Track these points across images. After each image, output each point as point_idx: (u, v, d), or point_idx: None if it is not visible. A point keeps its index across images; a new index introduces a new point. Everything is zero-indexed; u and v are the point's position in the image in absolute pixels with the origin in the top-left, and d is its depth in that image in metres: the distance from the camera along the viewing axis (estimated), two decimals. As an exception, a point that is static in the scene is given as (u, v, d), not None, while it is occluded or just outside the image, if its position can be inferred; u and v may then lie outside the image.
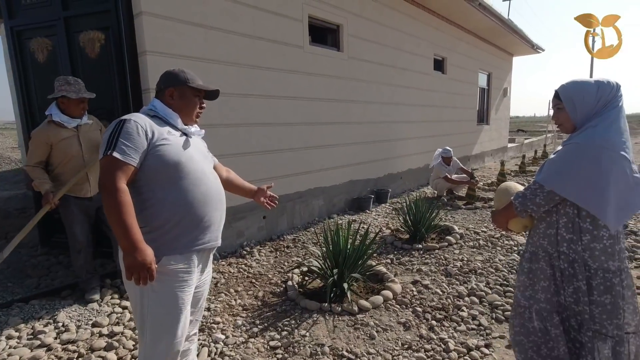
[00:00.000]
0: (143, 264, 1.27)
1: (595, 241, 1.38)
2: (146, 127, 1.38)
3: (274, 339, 2.35)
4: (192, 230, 1.44)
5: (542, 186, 1.41)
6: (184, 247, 1.42)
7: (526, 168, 9.12)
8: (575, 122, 1.47)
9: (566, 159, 1.38)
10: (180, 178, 1.41)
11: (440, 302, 2.74)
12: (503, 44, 10.76)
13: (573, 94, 1.45)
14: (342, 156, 5.38)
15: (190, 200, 1.42)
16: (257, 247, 4.03)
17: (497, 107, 11.38)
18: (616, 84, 1.41)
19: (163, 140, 1.40)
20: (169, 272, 1.39)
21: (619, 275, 1.39)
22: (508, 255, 3.60)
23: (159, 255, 1.37)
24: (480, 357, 2.15)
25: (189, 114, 1.58)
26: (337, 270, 2.78)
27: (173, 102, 1.54)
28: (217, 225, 1.55)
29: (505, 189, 1.69)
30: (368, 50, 5.67)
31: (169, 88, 1.53)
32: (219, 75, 3.68)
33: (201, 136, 1.64)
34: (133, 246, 1.26)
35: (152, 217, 1.38)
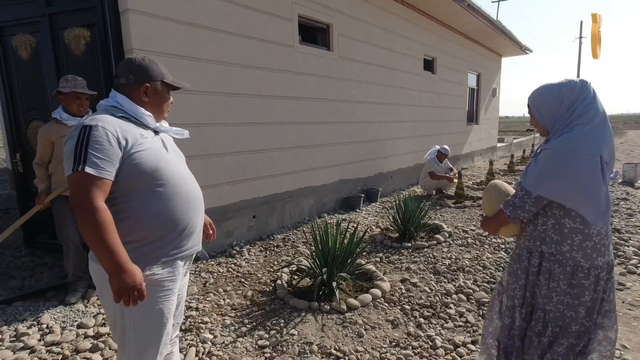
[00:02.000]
0: (133, 286, 1.18)
1: (587, 240, 1.41)
2: (117, 134, 1.22)
3: (262, 338, 2.34)
4: (176, 238, 1.35)
5: (529, 192, 1.43)
6: (168, 255, 1.33)
7: (515, 167, 9.24)
8: (544, 126, 1.51)
9: (547, 164, 1.40)
10: (160, 185, 1.30)
11: (429, 300, 2.76)
12: (492, 45, 10.89)
13: (536, 100, 1.50)
14: (332, 156, 5.39)
15: (172, 208, 1.33)
16: (247, 247, 4.01)
17: (486, 107, 11.51)
18: (580, 82, 1.42)
19: (138, 147, 1.26)
20: (152, 282, 1.30)
21: (605, 269, 1.43)
22: (495, 253, 3.64)
23: (141, 266, 1.26)
24: (467, 353, 2.18)
25: (162, 111, 1.45)
26: (325, 269, 2.78)
27: (146, 99, 1.38)
28: (200, 229, 1.48)
29: (496, 191, 1.66)
30: (358, 50, 5.68)
31: (144, 83, 1.36)
32: (208, 74, 3.65)
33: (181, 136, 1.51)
34: (120, 268, 1.16)
35: (132, 228, 1.27)
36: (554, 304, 1.46)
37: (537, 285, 1.51)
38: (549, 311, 1.47)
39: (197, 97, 3.60)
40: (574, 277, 1.42)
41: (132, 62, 1.38)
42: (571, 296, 1.43)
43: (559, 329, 1.45)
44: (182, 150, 4.00)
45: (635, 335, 2.32)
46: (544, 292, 1.49)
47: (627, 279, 3.05)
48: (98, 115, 1.28)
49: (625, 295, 2.79)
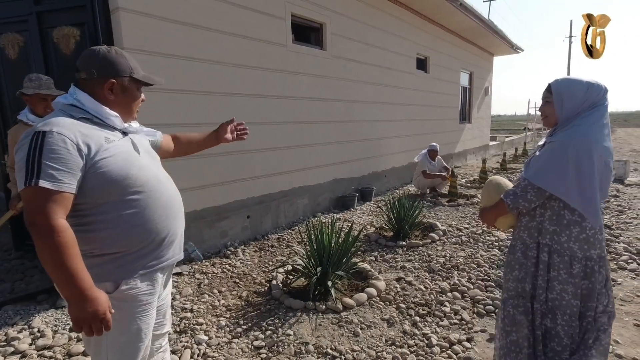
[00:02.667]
0: (95, 315, 1.05)
1: (583, 232, 1.45)
2: (77, 140, 1.06)
3: (258, 339, 2.33)
4: (155, 249, 1.23)
5: (532, 183, 1.46)
6: (146, 268, 1.22)
7: (507, 165, 9.31)
8: (559, 117, 1.52)
9: (552, 156, 1.43)
10: (134, 193, 1.17)
11: (424, 298, 2.77)
12: (484, 44, 10.97)
13: (563, 90, 1.49)
14: (326, 155, 5.39)
15: (150, 217, 1.20)
16: (242, 247, 3.99)
17: (478, 105, 11.60)
18: (605, 87, 1.46)
19: (104, 153, 1.11)
20: (129, 297, 1.19)
21: (599, 262, 1.46)
22: (489, 250, 3.67)
23: (117, 280, 1.16)
24: (462, 350, 2.18)
25: (131, 111, 1.28)
26: (320, 268, 2.78)
27: (112, 98, 1.20)
28: (181, 237, 1.37)
29: (495, 185, 1.68)
30: (352, 49, 5.68)
31: (109, 79, 1.18)
32: (201, 73, 3.62)
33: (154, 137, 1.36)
34: (81, 296, 1.03)
35: (105, 241, 1.15)
36: (558, 293, 1.48)
37: (536, 277, 1.53)
38: (553, 299, 1.49)
39: (190, 97, 3.57)
40: (572, 267, 1.46)
41: (95, 54, 1.19)
42: (573, 285, 1.46)
43: (568, 316, 1.47)
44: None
45: (627, 330, 2.35)
46: (541, 283, 1.51)
47: (619, 274, 3.10)
48: (53, 117, 1.10)
49: (616, 291, 2.83)
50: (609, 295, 1.51)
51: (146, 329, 1.26)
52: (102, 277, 1.15)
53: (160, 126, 3.32)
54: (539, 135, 17.02)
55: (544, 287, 1.52)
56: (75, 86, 1.20)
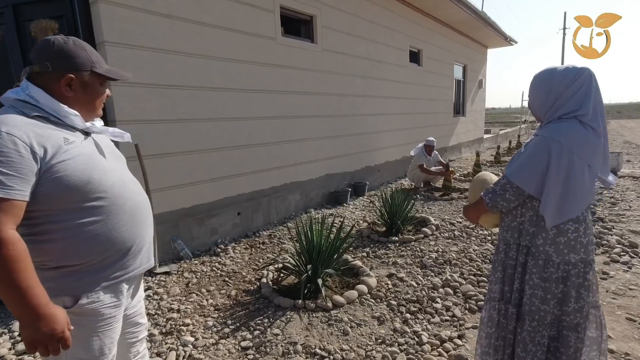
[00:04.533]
0: (52, 334, 0.95)
1: (561, 235, 1.36)
2: (31, 141, 0.96)
3: (245, 339, 2.28)
4: (120, 259, 1.14)
5: (511, 181, 1.37)
6: (110, 279, 1.13)
7: (501, 158, 9.31)
8: (535, 114, 1.46)
9: (533, 153, 1.35)
10: (97, 199, 1.08)
11: (415, 295, 2.73)
12: (477, 36, 10.90)
13: (531, 86, 1.45)
14: (317, 150, 5.32)
15: (114, 225, 1.11)
16: (232, 245, 3.93)
17: (472, 98, 11.56)
18: (575, 70, 1.32)
19: (62, 155, 1.01)
20: (90, 312, 1.09)
21: (579, 267, 1.37)
22: (482, 245, 3.64)
23: (76, 294, 1.07)
24: (454, 348, 2.15)
25: (93, 108, 1.17)
26: (310, 266, 2.73)
27: (71, 94, 1.09)
28: (149, 244, 1.27)
29: (480, 180, 1.65)
30: (343, 42, 5.59)
31: (66, 74, 1.07)
32: (187, 68, 3.53)
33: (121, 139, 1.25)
34: (36, 315, 0.93)
35: (63, 253, 1.05)
36: (528, 297, 1.42)
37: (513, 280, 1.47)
38: (524, 304, 1.43)
39: (176, 92, 3.47)
40: (545, 271, 1.38)
41: (50, 45, 1.07)
42: (543, 289, 1.38)
43: (536, 323, 1.40)
44: (163, 147, 3.85)
45: (619, 325, 2.33)
46: (517, 286, 1.45)
47: (611, 267, 3.08)
48: (1, 115, 0.99)
49: (609, 284, 2.81)
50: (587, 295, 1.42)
51: (110, 344, 1.17)
52: (58, 292, 1.06)
53: (145, 122, 3.27)
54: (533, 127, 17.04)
55: (519, 290, 1.46)
56: (28, 80, 1.08)
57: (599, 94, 1.34)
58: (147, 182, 3.15)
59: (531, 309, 1.41)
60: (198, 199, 3.79)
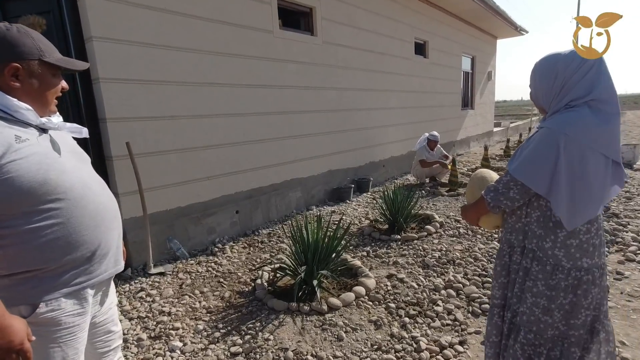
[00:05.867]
0: (9, 347, 0.88)
1: (572, 237, 1.21)
2: None
3: (235, 344, 2.18)
4: (82, 263, 1.08)
5: (515, 178, 1.23)
6: (71, 285, 1.05)
7: (510, 152, 9.05)
8: (539, 104, 1.31)
9: (533, 146, 1.21)
10: (54, 201, 1.00)
11: (415, 297, 2.60)
12: (486, 27, 10.58)
13: (533, 74, 1.31)
14: (319, 146, 5.19)
15: (75, 228, 1.04)
16: (230, 244, 3.84)
17: (481, 91, 11.26)
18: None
19: (13, 155, 0.93)
20: (50, 321, 1.02)
21: (593, 273, 1.23)
22: (488, 243, 3.48)
23: (34, 302, 0.99)
24: (454, 355, 2.02)
25: (46, 102, 1.08)
26: (305, 267, 2.61)
27: (18, 86, 1.01)
28: (116, 248, 1.20)
29: (479, 178, 1.50)
30: (344, 34, 5.43)
31: (10, 63, 0.98)
32: (180, 63, 3.43)
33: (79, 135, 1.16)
34: None
35: (17, 259, 0.97)
36: (528, 306, 1.28)
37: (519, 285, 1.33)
38: (522, 313, 1.29)
39: (169, 88, 3.38)
40: (552, 278, 1.23)
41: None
42: (547, 298, 1.24)
43: (532, 335, 1.27)
44: (156, 144, 3.75)
45: (635, 330, 2.16)
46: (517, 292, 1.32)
47: (626, 267, 2.89)
48: None
49: (623, 285, 2.63)
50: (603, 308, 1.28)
51: (74, 355, 1.09)
52: (13, 301, 0.98)
53: (136, 120, 3.19)
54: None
55: (517, 296, 1.32)
56: None
57: (610, 77, 1.19)
58: (139, 181, 3.08)
59: (529, 319, 1.27)
60: (194, 198, 3.71)
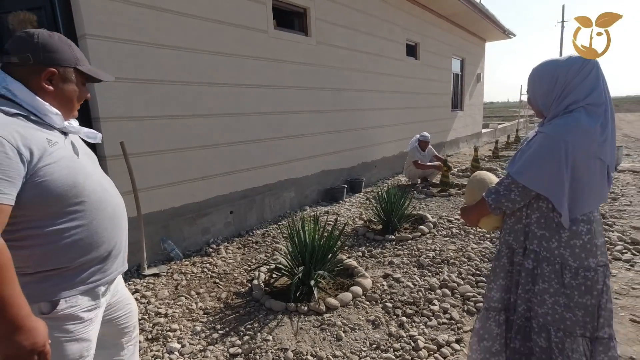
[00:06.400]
0: (33, 348, 0.89)
1: (575, 237, 1.26)
2: (17, 143, 0.89)
3: (234, 345, 2.18)
4: (99, 262, 1.12)
5: (516, 181, 1.27)
6: (88, 283, 1.09)
7: (499, 153, 9.21)
8: (538, 109, 1.36)
9: (534, 150, 1.25)
10: (79, 204, 1.03)
11: (412, 296, 2.64)
12: (475, 29, 10.75)
13: (531, 79, 1.35)
14: (313, 146, 5.20)
15: (95, 230, 1.08)
16: (224, 244, 3.82)
17: (471, 93, 11.43)
18: (581, 59, 1.23)
19: (47, 159, 0.95)
20: (67, 317, 1.05)
21: (599, 272, 1.27)
22: (480, 243, 3.54)
23: (54, 299, 1.02)
24: (451, 353, 2.06)
25: (73, 108, 1.12)
26: (302, 268, 2.63)
27: (50, 90, 1.03)
28: (125, 248, 1.26)
29: (478, 181, 1.53)
30: (338, 35, 5.45)
31: (48, 68, 1.01)
32: (175, 62, 3.40)
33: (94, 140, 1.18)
34: (18, 327, 0.86)
35: (42, 258, 1.00)
36: (550, 307, 1.31)
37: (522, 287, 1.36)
38: (545, 314, 1.32)
39: (164, 87, 3.35)
40: (563, 276, 1.28)
41: (32, 36, 1.00)
42: (566, 296, 1.28)
43: (562, 333, 1.30)
44: (150, 144, 3.71)
45: (623, 327, 2.24)
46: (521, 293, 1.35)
47: (613, 266, 2.99)
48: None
49: (611, 284, 2.71)
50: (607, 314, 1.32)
51: (88, 346, 1.12)
52: (34, 298, 0.99)
53: (130, 119, 3.15)
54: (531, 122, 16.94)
55: (523, 298, 1.35)
56: (6, 73, 1.00)
57: (605, 82, 1.24)
58: (133, 181, 3.04)
59: (554, 318, 1.30)
60: (188, 198, 3.68)
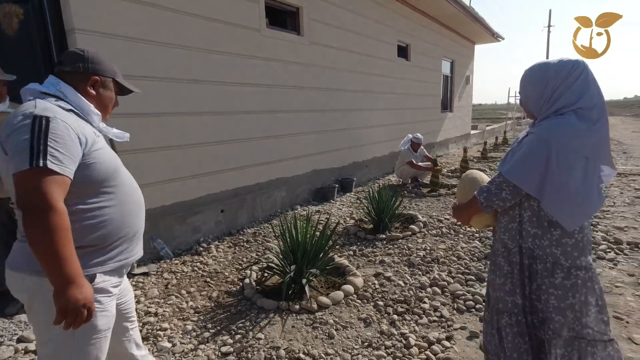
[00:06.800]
0: (84, 303, 1.03)
1: (567, 236, 1.28)
2: (77, 130, 1.09)
3: (226, 344, 2.17)
4: (127, 242, 1.28)
5: (507, 179, 1.29)
6: (118, 261, 1.24)
7: (487, 154, 9.35)
8: (530, 110, 1.38)
9: (530, 150, 1.27)
10: (116, 187, 1.23)
11: (403, 295, 2.66)
12: (466, 32, 10.89)
13: (523, 81, 1.38)
14: (304, 145, 5.20)
15: (128, 212, 1.26)
16: (215, 243, 3.80)
17: (460, 94, 11.57)
18: (571, 62, 1.25)
19: (95, 146, 1.15)
20: (102, 290, 1.21)
21: (589, 270, 1.30)
22: (470, 242, 3.59)
23: (93, 274, 1.17)
24: (442, 350, 2.09)
25: (107, 111, 1.34)
26: (294, 266, 2.63)
27: (93, 95, 1.25)
28: (142, 234, 1.42)
29: (470, 180, 1.56)
30: (330, 35, 5.47)
31: (94, 76, 1.25)
32: (165, 59, 3.36)
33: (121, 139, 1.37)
34: (72, 281, 1.01)
35: (83, 233, 1.14)
36: (543, 304, 1.33)
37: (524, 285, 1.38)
38: (541, 310, 1.35)
39: (154, 84, 3.31)
40: (554, 276, 1.30)
41: (84, 52, 1.26)
42: (556, 297, 1.30)
43: (551, 332, 1.32)
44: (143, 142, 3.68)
45: (607, 324, 2.30)
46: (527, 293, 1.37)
47: (597, 265, 3.06)
48: (46, 104, 1.09)
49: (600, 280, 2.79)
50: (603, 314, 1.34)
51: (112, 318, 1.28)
52: None
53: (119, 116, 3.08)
54: (518, 124, 17.24)
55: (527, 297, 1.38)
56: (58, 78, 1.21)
57: (597, 85, 1.27)
58: (123, 178, 2.99)
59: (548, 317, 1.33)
60: (179, 196, 3.64)
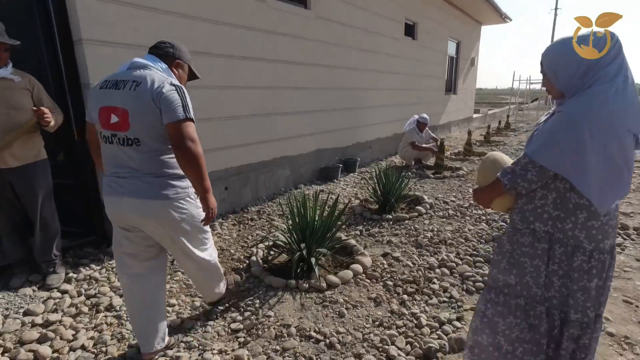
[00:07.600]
0: (215, 206, 1.67)
1: (593, 218, 1.22)
2: None
3: (235, 321, 2.15)
4: None
5: (533, 160, 1.21)
6: None
7: (490, 138, 9.27)
8: (559, 89, 1.29)
9: (559, 129, 1.18)
10: None
11: (411, 275, 2.65)
12: (473, 12, 10.60)
13: (552, 59, 1.26)
14: (308, 124, 5.10)
15: None
16: (219, 220, 3.75)
17: (464, 77, 11.38)
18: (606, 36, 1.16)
19: None
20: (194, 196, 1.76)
21: (611, 253, 1.26)
22: (477, 224, 3.57)
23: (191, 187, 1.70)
24: (453, 330, 2.08)
25: None
26: (304, 244, 2.59)
27: (176, 73, 1.71)
28: None
29: (492, 161, 1.48)
30: (337, 9, 5.27)
31: (178, 60, 1.73)
32: (169, 27, 3.21)
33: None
34: (210, 191, 1.63)
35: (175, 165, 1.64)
36: (557, 289, 1.29)
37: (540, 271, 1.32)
38: (551, 297, 1.30)
39: (157, 55, 3.17)
40: (574, 259, 1.24)
41: (172, 42, 1.73)
42: (572, 280, 1.25)
43: (564, 315, 1.29)
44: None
45: (617, 307, 2.30)
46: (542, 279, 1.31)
47: (605, 249, 3.05)
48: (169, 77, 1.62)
49: (604, 266, 2.78)
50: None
51: None
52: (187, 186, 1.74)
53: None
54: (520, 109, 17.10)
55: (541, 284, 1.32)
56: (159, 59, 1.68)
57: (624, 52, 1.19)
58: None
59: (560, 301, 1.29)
60: (183, 173, 3.56)
